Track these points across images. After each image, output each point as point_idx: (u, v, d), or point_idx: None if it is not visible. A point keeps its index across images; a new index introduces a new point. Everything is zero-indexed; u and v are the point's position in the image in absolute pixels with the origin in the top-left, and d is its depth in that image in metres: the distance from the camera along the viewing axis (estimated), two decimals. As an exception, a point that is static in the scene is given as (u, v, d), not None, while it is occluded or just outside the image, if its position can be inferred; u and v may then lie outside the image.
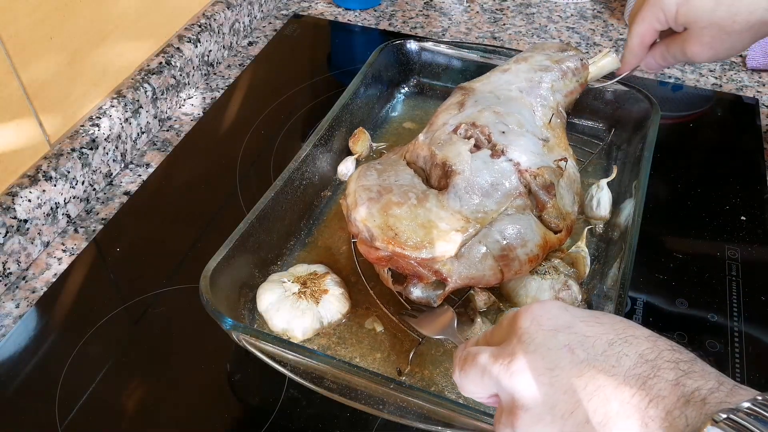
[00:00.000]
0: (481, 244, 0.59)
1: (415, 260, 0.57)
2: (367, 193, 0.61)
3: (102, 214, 0.77)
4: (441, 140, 0.67)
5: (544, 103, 0.72)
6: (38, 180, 0.71)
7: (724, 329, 0.65)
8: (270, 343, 0.55)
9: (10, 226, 0.67)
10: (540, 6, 1.16)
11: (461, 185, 0.61)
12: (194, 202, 0.79)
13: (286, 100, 0.93)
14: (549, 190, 0.64)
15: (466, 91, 0.74)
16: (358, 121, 0.82)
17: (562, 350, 0.36)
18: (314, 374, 0.57)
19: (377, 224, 0.59)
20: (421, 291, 0.60)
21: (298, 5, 1.16)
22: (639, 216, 0.65)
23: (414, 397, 0.51)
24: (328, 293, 0.64)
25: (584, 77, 0.76)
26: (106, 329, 0.65)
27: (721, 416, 0.30)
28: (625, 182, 0.75)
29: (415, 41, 0.89)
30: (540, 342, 0.37)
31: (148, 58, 0.88)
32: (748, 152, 0.87)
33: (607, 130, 0.85)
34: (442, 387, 0.60)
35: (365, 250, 0.60)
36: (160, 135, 0.89)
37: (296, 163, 0.70)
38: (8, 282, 0.69)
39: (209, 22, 0.96)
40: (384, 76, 0.88)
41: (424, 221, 0.59)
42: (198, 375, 0.62)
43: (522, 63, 0.76)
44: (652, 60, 0.69)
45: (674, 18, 0.62)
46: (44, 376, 0.61)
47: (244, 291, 0.64)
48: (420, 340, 0.61)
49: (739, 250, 0.73)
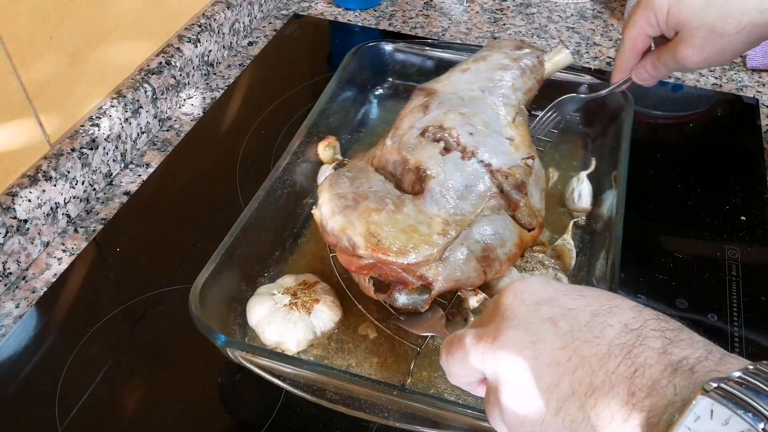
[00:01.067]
0: (463, 246, 0.59)
1: (399, 266, 0.57)
2: (343, 201, 0.60)
3: (102, 214, 0.77)
4: (410, 144, 0.66)
5: (506, 101, 0.72)
6: (38, 180, 0.71)
7: (724, 329, 0.65)
8: (267, 357, 0.54)
9: (10, 226, 0.67)
10: (540, 6, 1.16)
11: (436, 189, 0.61)
12: (194, 201, 0.80)
13: (286, 100, 0.93)
14: (521, 190, 0.64)
15: (429, 93, 0.73)
16: (335, 125, 0.81)
17: (545, 323, 0.36)
18: (315, 387, 0.57)
19: (359, 232, 0.58)
20: (406, 297, 0.59)
21: (298, 5, 1.16)
22: (622, 207, 0.66)
23: (419, 402, 0.51)
24: (320, 302, 0.63)
25: (541, 74, 0.77)
26: (106, 329, 0.65)
27: (711, 385, 0.29)
28: (603, 173, 0.75)
29: (388, 43, 0.89)
30: (523, 317, 0.37)
31: (148, 58, 0.88)
32: (748, 152, 0.87)
33: (585, 124, 0.86)
34: (441, 390, 0.59)
35: (346, 260, 0.59)
36: (160, 135, 0.89)
37: (278, 171, 0.69)
38: (8, 282, 0.69)
39: (209, 22, 0.96)
40: (358, 80, 0.87)
41: (405, 226, 0.58)
42: (198, 375, 0.62)
43: (481, 62, 0.76)
44: (644, 71, 0.67)
45: (665, 20, 0.61)
46: (44, 376, 0.61)
47: (233, 305, 0.63)
48: (418, 350, 0.61)
49: (739, 250, 0.73)
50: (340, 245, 0.59)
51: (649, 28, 0.63)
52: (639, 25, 0.63)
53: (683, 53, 0.61)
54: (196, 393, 0.60)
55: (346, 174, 0.65)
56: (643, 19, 0.62)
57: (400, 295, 0.59)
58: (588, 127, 0.86)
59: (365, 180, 0.64)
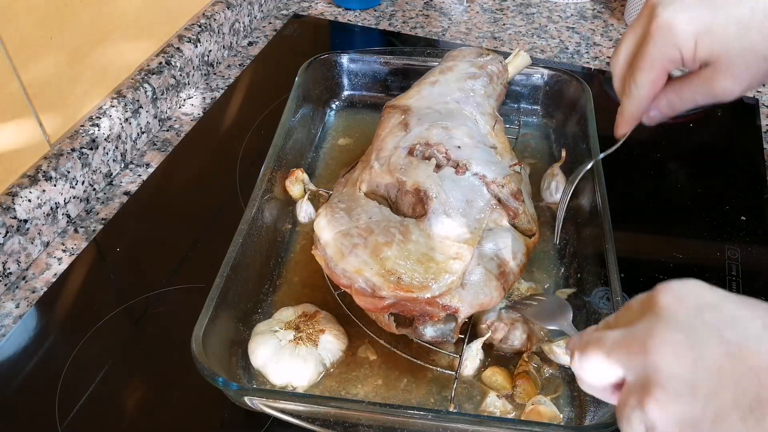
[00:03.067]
0: (479, 266, 0.58)
1: (423, 301, 0.55)
2: (349, 239, 0.58)
3: (102, 214, 0.77)
4: (401, 165, 0.65)
5: (482, 110, 0.72)
6: (38, 180, 0.71)
7: (724, 329, 0.65)
8: (291, 401, 0.52)
9: (10, 226, 0.67)
10: (540, 6, 1.16)
11: (440, 209, 0.60)
12: (194, 202, 0.79)
13: (287, 99, 0.93)
14: (517, 197, 0.64)
15: (404, 110, 0.72)
16: (299, 146, 0.79)
17: (709, 329, 0.34)
18: (347, 423, 0.55)
19: (375, 272, 0.55)
20: (433, 330, 0.57)
21: (298, 5, 1.16)
22: (605, 195, 0.66)
23: (466, 423, 0.51)
24: (325, 333, 0.60)
25: (506, 78, 0.78)
26: (106, 329, 0.65)
27: None
28: (575, 163, 0.75)
29: (339, 54, 0.87)
30: (683, 320, 0.35)
31: (148, 58, 0.88)
32: (748, 152, 0.87)
33: (544, 115, 0.87)
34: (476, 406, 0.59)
35: (366, 302, 0.56)
36: (160, 135, 0.89)
37: (256, 201, 0.66)
38: (8, 282, 0.69)
39: (209, 22, 0.96)
40: (313, 95, 0.85)
41: (419, 256, 0.56)
42: (198, 375, 0.62)
43: (448, 73, 0.75)
44: (656, 112, 0.56)
45: (692, 55, 0.50)
46: (44, 376, 0.61)
47: (234, 349, 0.60)
48: (455, 376, 0.59)
49: (739, 250, 0.73)
50: (356, 287, 0.57)
51: (670, 65, 0.52)
52: (659, 65, 0.51)
53: (722, 86, 0.51)
54: (196, 393, 0.60)
55: (339, 206, 0.62)
56: (662, 56, 0.51)
57: (425, 328, 0.57)
58: (549, 119, 0.87)
59: (361, 210, 0.61)
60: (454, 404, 0.57)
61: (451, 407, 0.57)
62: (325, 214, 0.62)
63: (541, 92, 0.86)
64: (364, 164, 0.69)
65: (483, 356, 0.61)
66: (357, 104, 0.91)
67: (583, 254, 0.68)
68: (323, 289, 0.67)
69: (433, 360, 0.61)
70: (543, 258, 0.70)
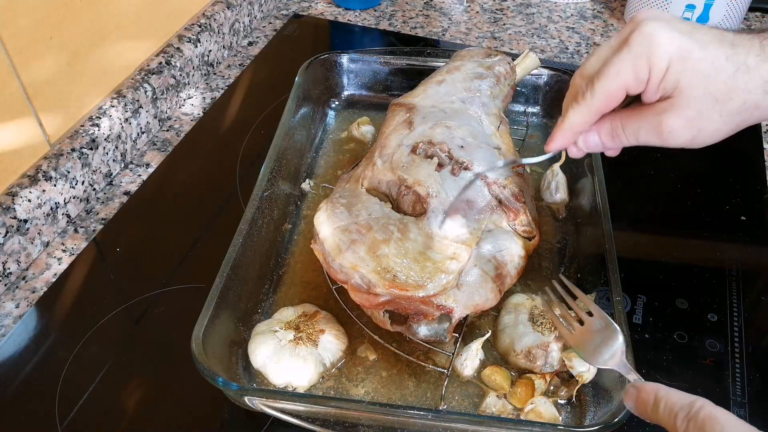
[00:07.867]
0: (476, 267, 0.58)
1: (418, 299, 0.55)
2: (347, 234, 0.58)
3: (102, 214, 0.77)
4: (403, 163, 0.65)
5: (487, 111, 0.72)
6: (38, 180, 0.71)
7: (724, 329, 0.65)
8: (291, 401, 0.52)
9: (10, 226, 0.67)
10: (540, 6, 1.16)
11: (439, 208, 0.60)
12: (194, 202, 0.79)
13: (287, 99, 0.93)
14: (519, 200, 0.64)
15: (409, 109, 0.72)
16: (299, 146, 0.79)
17: None
18: (346, 423, 0.55)
19: (371, 269, 0.55)
20: (427, 329, 0.57)
21: (298, 5, 1.16)
22: (605, 195, 0.66)
23: (461, 422, 0.51)
24: (325, 333, 0.60)
25: (513, 80, 0.77)
26: (106, 329, 0.65)
27: None
28: (576, 162, 0.75)
29: (339, 54, 0.87)
30: None
31: (148, 58, 0.88)
32: (748, 152, 0.87)
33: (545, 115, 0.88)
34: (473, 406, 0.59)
35: (361, 298, 0.57)
36: (160, 135, 0.89)
37: (256, 201, 0.66)
38: (8, 282, 0.69)
39: (209, 22, 0.96)
40: (313, 95, 0.85)
41: (416, 255, 0.56)
42: (197, 374, 0.62)
43: (456, 72, 0.75)
44: (596, 137, 0.51)
45: (660, 77, 0.46)
46: (44, 376, 0.61)
47: (234, 349, 0.60)
48: (446, 373, 0.59)
49: (739, 250, 0.73)
50: (352, 283, 0.57)
51: (634, 81, 0.46)
52: (624, 77, 0.46)
53: (670, 125, 0.47)
54: (196, 393, 0.60)
55: (340, 201, 0.62)
56: (631, 68, 0.46)
57: (419, 327, 0.57)
58: (549, 119, 0.87)
59: (362, 206, 0.61)
60: (445, 402, 0.58)
61: (442, 405, 0.57)
62: (325, 209, 0.62)
63: (541, 92, 0.86)
64: (368, 161, 0.69)
65: (483, 356, 0.61)
66: (357, 104, 0.91)
67: (583, 254, 0.68)
68: (323, 289, 0.67)
69: (433, 360, 0.61)
70: (543, 258, 0.70)
